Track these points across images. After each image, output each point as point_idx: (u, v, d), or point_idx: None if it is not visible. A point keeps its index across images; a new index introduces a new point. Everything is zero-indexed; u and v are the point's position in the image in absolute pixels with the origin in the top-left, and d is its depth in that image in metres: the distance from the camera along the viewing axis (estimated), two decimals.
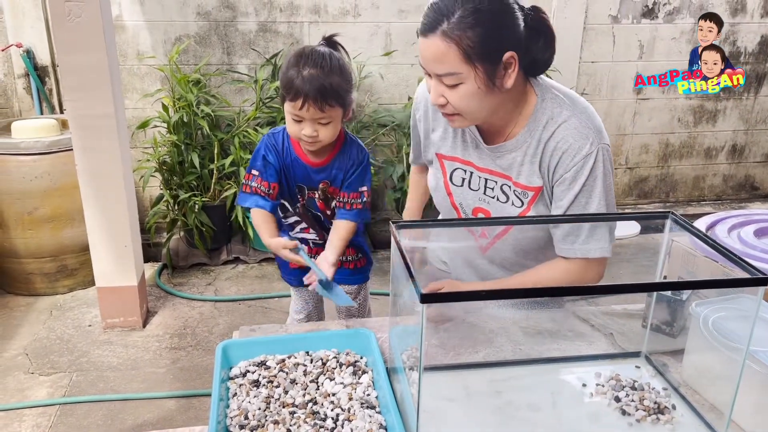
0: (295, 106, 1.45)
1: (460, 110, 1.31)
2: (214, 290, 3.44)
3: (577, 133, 1.34)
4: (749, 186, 4.79)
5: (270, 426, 1.14)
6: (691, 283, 1.33)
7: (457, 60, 1.24)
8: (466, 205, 1.49)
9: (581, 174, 1.35)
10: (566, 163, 1.35)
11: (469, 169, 1.46)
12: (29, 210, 3.14)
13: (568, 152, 1.34)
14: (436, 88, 1.30)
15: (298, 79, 1.44)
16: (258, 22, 3.67)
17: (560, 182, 1.37)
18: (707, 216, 2.02)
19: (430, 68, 1.28)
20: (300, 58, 1.47)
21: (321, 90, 1.44)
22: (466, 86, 1.27)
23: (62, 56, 2.65)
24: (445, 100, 1.30)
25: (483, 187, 1.46)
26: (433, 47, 1.24)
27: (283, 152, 1.56)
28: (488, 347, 1.42)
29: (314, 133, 1.48)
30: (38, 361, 2.79)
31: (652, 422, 1.19)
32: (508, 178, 1.42)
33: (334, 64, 1.48)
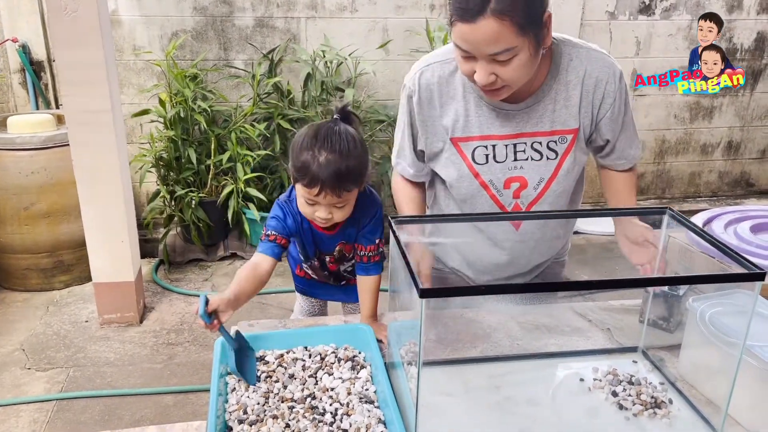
0: (310, 192, 1.36)
1: (511, 82, 1.29)
2: (211, 286, 3.44)
3: (603, 62, 1.41)
4: (745, 182, 4.80)
5: (269, 420, 1.14)
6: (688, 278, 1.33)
7: (512, 35, 1.20)
8: (495, 179, 1.45)
9: (623, 93, 1.44)
10: (612, 91, 1.41)
11: (490, 143, 1.43)
12: (25, 205, 3.13)
13: (610, 81, 1.41)
14: (485, 68, 1.25)
15: (314, 165, 1.33)
16: (255, 18, 3.66)
17: (610, 111, 1.43)
18: (704, 212, 2.03)
19: (482, 51, 1.23)
20: (315, 141, 1.36)
21: (339, 177, 1.34)
22: (519, 58, 1.24)
23: (58, 51, 2.64)
24: (495, 77, 1.26)
25: (512, 154, 1.43)
26: (485, 29, 1.19)
27: (301, 221, 1.48)
28: (486, 342, 1.43)
29: (329, 215, 1.40)
30: (35, 356, 2.79)
31: (649, 416, 1.20)
32: (537, 134, 1.42)
33: (351, 147, 1.36)
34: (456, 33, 1.24)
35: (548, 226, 1.53)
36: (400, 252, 1.08)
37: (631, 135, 1.51)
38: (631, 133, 1.51)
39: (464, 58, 1.27)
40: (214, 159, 3.47)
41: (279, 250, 1.47)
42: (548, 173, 1.44)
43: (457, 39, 1.25)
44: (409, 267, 1.02)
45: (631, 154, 1.53)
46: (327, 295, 1.81)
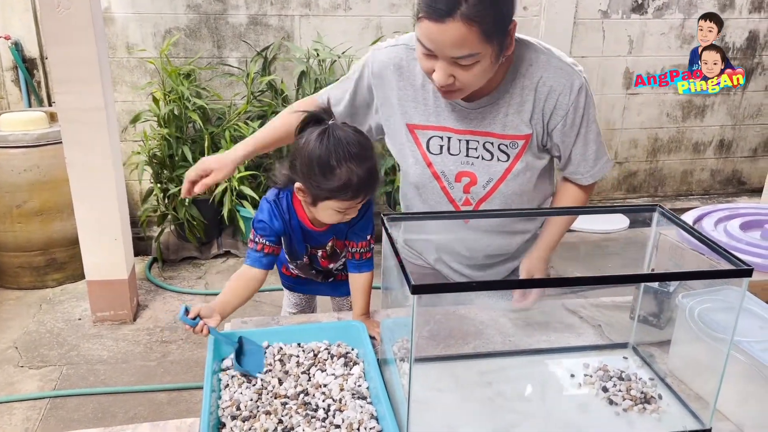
0: (352, 203, 1.37)
1: (468, 86, 1.29)
2: (205, 284, 3.44)
3: (561, 71, 1.37)
4: (736, 181, 4.83)
5: (262, 416, 1.15)
6: (677, 275, 1.35)
7: (477, 41, 1.20)
8: (448, 171, 1.46)
9: (579, 108, 1.40)
10: (564, 103, 1.38)
11: (446, 134, 1.44)
12: (18, 203, 3.12)
13: (564, 93, 1.38)
14: (445, 69, 1.25)
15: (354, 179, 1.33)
16: (249, 15, 3.66)
17: (561, 123, 1.41)
18: (694, 210, 2.04)
19: (445, 52, 1.22)
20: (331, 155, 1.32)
21: (372, 174, 1.36)
22: (480, 64, 1.24)
23: (51, 48, 2.63)
24: (454, 79, 1.26)
25: (465, 150, 1.44)
26: (453, 31, 1.18)
27: (290, 218, 1.49)
28: (478, 339, 1.44)
29: (356, 212, 1.43)
30: (28, 354, 2.78)
31: (639, 411, 1.21)
32: (490, 134, 1.42)
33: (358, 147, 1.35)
34: (422, 30, 1.23)
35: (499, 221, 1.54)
36: (393, 249, 1.09)
37: (590, 151, 1.47)
38: (590, 149, 1.46)
39: (426, 55, 1.27)
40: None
41: (268, 260, 1.48)
42: (497, 174, 1.45)
43: (422, 36, 1.24)
44: (401, 264, 1.03)
45: (586, 170, 1.49)
46: (314, 290, 1.81)
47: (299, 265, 1.66)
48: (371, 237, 1.51)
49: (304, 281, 1.76)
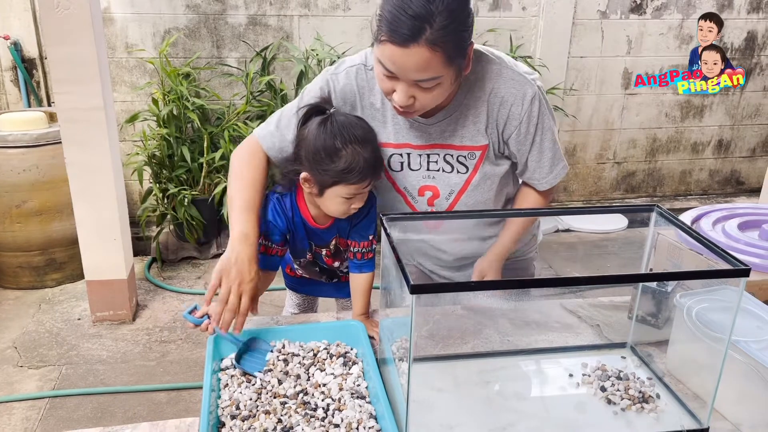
0: (359, 186, 1.38)
1: (427, 106, 1.30)
2: (204, 284, 3.45)
3: (513, 82, 1.38)
4: (735, 181, 4.84)
5: (261, 416, 1.15)
6: (676, 275, 1.35)
7: (440, 65, 1.21)
8: (411, 187, 1.48)
9: (532, 117, 1.39)
10: (517, 113, 1.38)
11: (405, 151, 1.45)
12: (17, 203, 3.12)
13: (516, 103, 1.38)
14: (407, 90, 1.25)
15: (360, 161, 1.34)
16: (248, 15, 3.66)
17: (516, 133, 1.41)
18: (692, 210, 2.04)
19: (407, 76, 1.23)
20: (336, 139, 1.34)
21: (376, 159, 1.39)
22: (441, 86, 1.26)
23: (50, 48, 2.63)
24: (414, 99, 1.27)
25: (426, 164, 1.45)
26: (417, 57, 1.19)
27: (293, 215, 1.49)
28: (477, 338, 1.44)
29: (362, 202, 1.44)
30: (27, 354, 2.78)
31: (637, 411, 1.22)
32: (449, 146, 1.43)
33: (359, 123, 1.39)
34: (384, 53, 1.22)
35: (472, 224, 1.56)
36: (392, 249, 1.10)
37: (545, 158, 1.47)
38: (546, 156, 1.46)
39: (386, 76, 1.26)
40: (207, 157, 3.47)
41: (273, 261, 1.50)
42: (458, 186, 1.46)
43: (384, 59, 1.23)
44: (400, 263, 1.03)
45: (542, 176, 1.49)
46: (318, 291, 1.82)
47: (303, 263, 1.66)
48: (373, 237, 1.51)
49: (308, 282, 1.77)
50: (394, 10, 1.19)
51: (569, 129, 4.34)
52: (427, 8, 1.17)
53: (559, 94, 4.04)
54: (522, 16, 3.95)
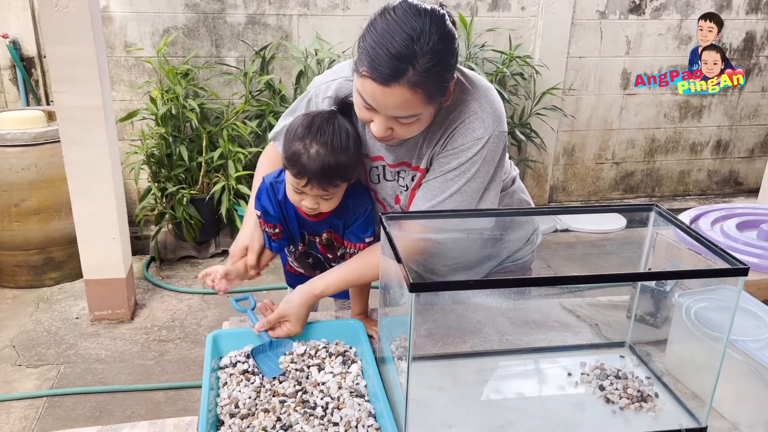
0: (298, 182, 1.35)
1: (403, 137, 1.30)
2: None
3: (475, 115, 1.31)
4: (733, 181, 4.85)
5: (260, 414, 1.15)
6: (674, 274, 1.35)
7: (420, 104, 1.19)
8: (388, 197, 1.49)
9: (463, 154, 1.32)
10: (456, 141, 1.32)
11: (380, 164, 1.45)
12: (16, 202, 3.12)
13: (461, 132, 1.31)
14: (384, 123, 1.23)
15: (303, 157, 1.32)
16: (247, 15, 3.66)
17: (443, 155, 1.34)
18: (691, 210, 2.05)
19: (387, 112, 1.21)
20: (308, 131, 1.33)
21: (326, 171, 1.32)
22: (420, 121, 1.25)
23: (50, 47, 2.63)
24: (392, 131, 1.26)
25: (396, 177, 1.46)
26: (397, 96, 1.17)
27: (285, 202, 1.48)
28: (476, 337, 1.45)
29: (315, 205, 1.39)
30: (25, 353, 2.78)
31: (636, 410, 1.22)
32: (408, 165, 1.42)
33: (342, 142, 1.34)
34: (364, 87, 1.20)
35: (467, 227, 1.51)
36: (391, 247, 1.10)
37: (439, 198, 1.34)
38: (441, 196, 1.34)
39: (365, 108, 1.24)
40: (206, 156, 3.47)
41: (276, 244, 1.53)
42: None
43: (365, 93, 1.21)
44: (400, 262, 1.03)
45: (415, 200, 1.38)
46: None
47: (296, 254, 1.65)
48: (371, 239, 1.50)
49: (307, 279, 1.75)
50: (376, 47, 1.16)
51: (568, 129, 4.34)
52: (410, 48, 1.13)
53: (558, 94, 4.04)
54: (521, 16, 3.95)
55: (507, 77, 3.81)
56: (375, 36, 1.17)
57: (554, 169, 4.44)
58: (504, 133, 1.34)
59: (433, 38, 1.15)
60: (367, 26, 1.20)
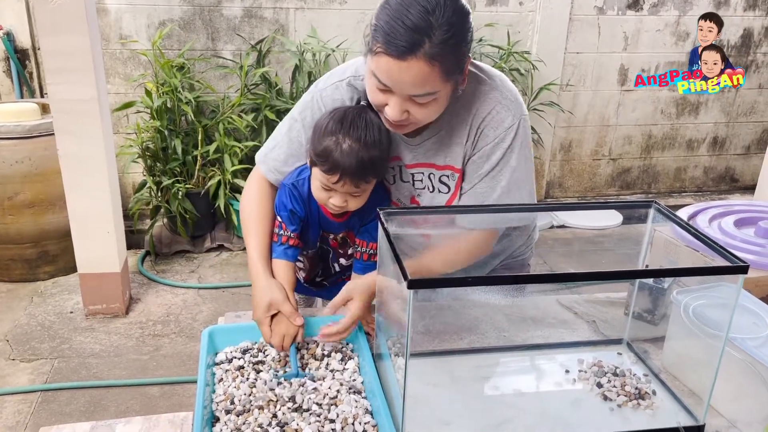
0: (329, 179, 1.32)
1: (419, 122, 1.27)
2: (198, 277, 3.43)
3: (500, 105, 1.32)
4: (729, 178, 4.85)
5: (256, 411, 1.14)
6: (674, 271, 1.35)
7: (437, 80, 1.17)
8: (403, 197, 1.47)
9: (499, 147, 1.32)
10: (488, 136, 1.32)
11: (396, 164, 1.43)
12: (9, 195, 3.10)
13: (491, 125, 1.32)
14: (400, 105, 1.20)
15: (336, 152, 1.29)
16: (243, 8, 3.64)
17: (479, 155, 1.34)
18: (689, 206, 2.05)
19: (403, 90, 1.18)
20: (340, 126, 1.31)
21: (360, 166, 1.30)
22: (437, 101, 1.22)
23: (44, 39, 2.60)
24: (408, 114, 1.23)
25: (411, 180, 1.44)
26: (415, 70, 1.14)
27: (309, 201, 1.45)
28: (473, 334, 1.44)
29: (343, 203, 1.36)
30: (19, 347, 2.76)
31: (633, 407, 1.22)
32: (432, 166, 1.39)
33: (375, 137, 1.31)
34: (379, 65, 1.17)
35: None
36: (389, 243, 1.09)
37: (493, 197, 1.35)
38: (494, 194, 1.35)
39: (379, 90, 1.22)
40: (201, 150, 3.45)
41: (293, 252, 1.44)
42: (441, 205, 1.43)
43: (379, 71, 1.18)
44: (398, 258, 1.02)
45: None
46: (312, 293, 1.79)
47: (309, 254, 1.62)
48: None
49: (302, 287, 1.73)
50: (391, 21, 1.14)
51: (565, 125, 4.33)
52: (426, 20, 1.12)
53: (555, 90, 4.03)
54: (519, 12, 3.93)
55: (505, 73, 3.80)
56: (389, 11, 1.16)
57: (551, 165, 4.44)
58: (527, 116, 1.36)
59: (448, 11, 1.14)
60: (381, 5, 1.19)
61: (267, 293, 1.33)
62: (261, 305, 1.33)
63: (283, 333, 1.30)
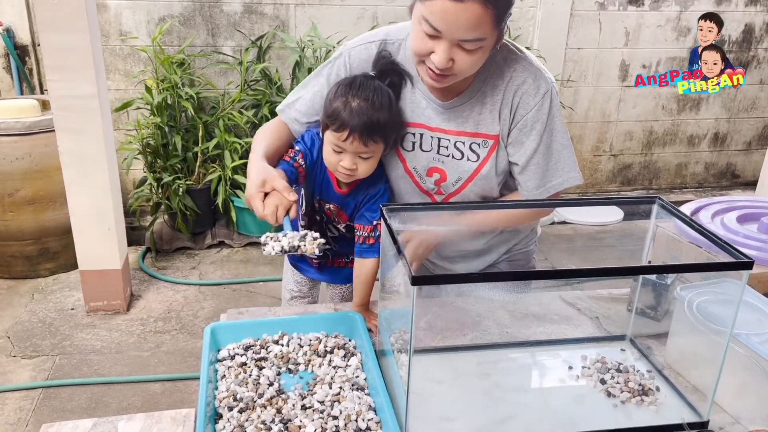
0: (339, 137, 1.36)
1: (462, 72, 1.28)
2: (199, 274, 3.43)
3: (531, 74, 1.37)
4: (730, 174, 4.85)
5: (258, 408, 1.14)
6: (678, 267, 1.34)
7: (489, 25, 1.20)
8: (420, 167, 1.47)
9: (542, 113, 1.38)
10: (528, 104, 1.37)
11: (419, 131, 1.44)
12: (10, 192, 3.09)
13: (528, 93, 1.37)
14: (448, 51, 1.22)
15: (345, 111, 1.35)
16: (243, 3, 3.63)
17: (522, 124, 1.39)
18: (691, 202, 2.04)
19: (455, 34, 1.20)
20: (350, 89, 1.38)
21: (368, 125, 1.35)
22: (483, 50, 1.24)
23: (43, 35, 2.60)
24: (453, 63, 1.24)
25: (436, 147, 1.44)
26: (471, 11, 1.16)
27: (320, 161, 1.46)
28: (475, 330, 1.44)
29: (353, 165, 1.39)
30: (20, 344, 2.76)
31: (637, 404, 1.21)
32: (462, 133, 1.41)
33: (384, 100, 1.37)
34: (434, 8, 1.19)
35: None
36: (392, 239, 1.08)
37: (536, 164, 1.42)
38: (538, 162, 1.41)
39: (429, 36, 1.23)
40: (202, 146, 3.45)
41: (293, 174, 1.43)
42: (466, 174, 1.44)
43: (434, 15, 1.19)
44: (401, 254, 1.02)
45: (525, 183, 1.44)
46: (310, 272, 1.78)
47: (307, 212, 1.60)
48: (378, 223, 1.47)
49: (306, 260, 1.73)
50: None
51: (566, 121, 4.31)
52: None
53: (556, 85, 4.02)
54: (520, 7, 3.92)
55: None
56: None
57: None
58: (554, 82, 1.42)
59: None
60: None
61: (261, 172, 1.32)
62: (254, 181, 1.31)
63: (276, 204, 1.29)
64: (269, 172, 1.32)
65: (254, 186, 1.30)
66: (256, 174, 1.32)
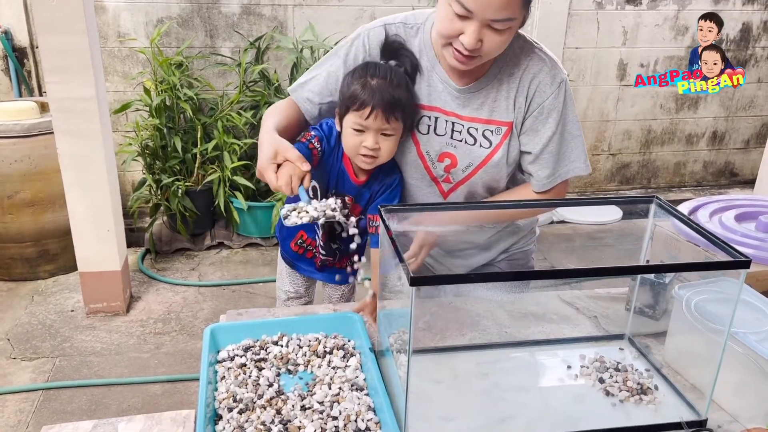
0: (361, 115, 1.37)
1: (489, 54, 1.30)
2: (198, 275, 3.43)
3: (545, 62, 1.40)
4: (729, 172, 4.85)
5: (258, 409, 1.14)
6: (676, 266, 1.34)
7: (518, 6, 1.22)
8: (433, 152, 1.47)
9: (558, 101, 1.40)
10: (544, 92, 1.39)
11: (434, 114, 1.45)
12: (9, 194, 3.09)
13: (545, 82, 1.39)
14: (478, 32, 1.23)
15: (366, 90, 1.37)
16: (241, 5, 3.63)
17: (538, 112, 1.41)
18: (689, 201, 2.05)
19: (486, 14, 1.21)
20: (366, 69, 1.40)
21: (389, 100, 1.36)
22: (510, 31, 1.26)
23: (42, 37, 2.60)
24: (481, 44, 1.26)
25: (450, 131, 1.45)
26: None
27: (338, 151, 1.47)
28: (474, 330, 1.44)
29: (376, 145, 1.39)
30: (20, 346, 2.77)
31: (635, 403, 1.22)
32: (475, 120, 1.42)
33: (401, 79, 1.40)
34: None
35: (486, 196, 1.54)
36: (389, 240, 1.09)
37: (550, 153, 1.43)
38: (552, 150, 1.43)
39: (459, 16, 1.24)
40: (201, 147, 3.45)
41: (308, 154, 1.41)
42: (477, 160, 1.45)
43: None
44: (399, 255, 1.02)
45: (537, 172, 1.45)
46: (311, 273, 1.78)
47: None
48: None
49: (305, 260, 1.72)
50: None
51: None
52: None
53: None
54: None
55: None
56: None
57: None
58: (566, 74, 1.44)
59: None
60: None
61: (273, 143, 1.31)
62: (266, 153, 1.29)
63: (290, 174, 1.28)
64: (281, 143, 1.31)
65: (266, 158, 1.29)
66: (267, 145, 1.31)
